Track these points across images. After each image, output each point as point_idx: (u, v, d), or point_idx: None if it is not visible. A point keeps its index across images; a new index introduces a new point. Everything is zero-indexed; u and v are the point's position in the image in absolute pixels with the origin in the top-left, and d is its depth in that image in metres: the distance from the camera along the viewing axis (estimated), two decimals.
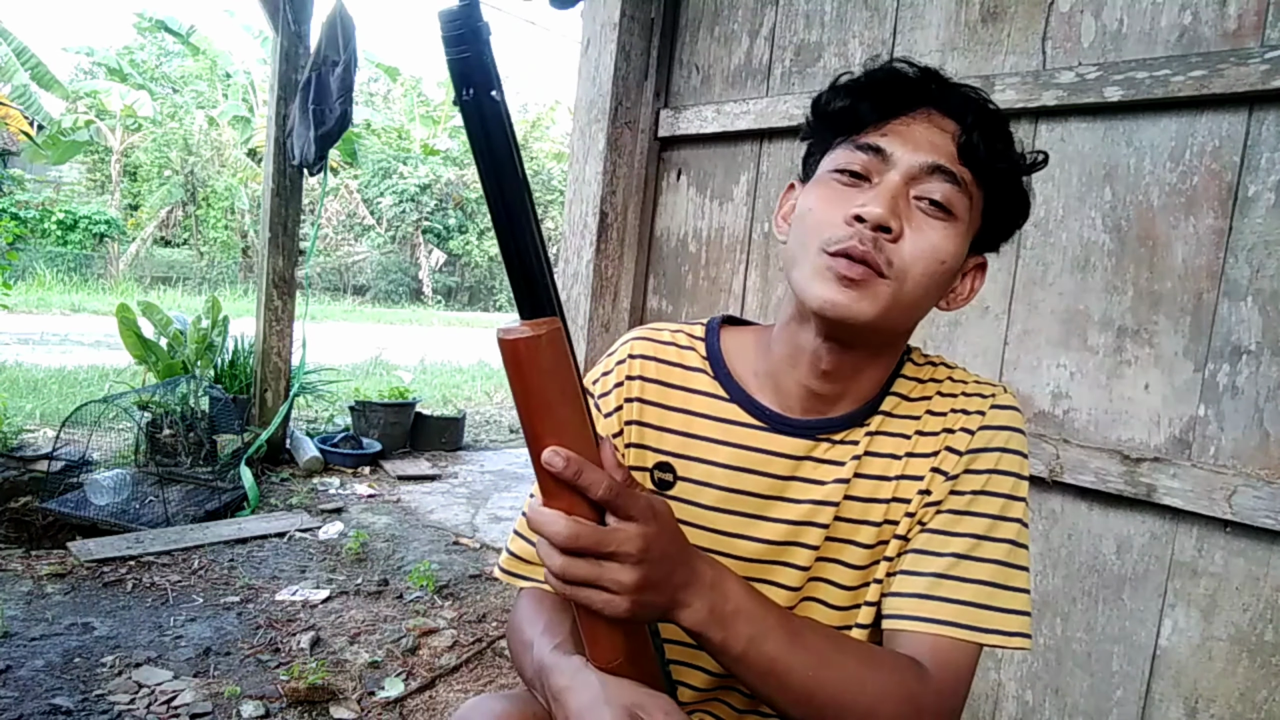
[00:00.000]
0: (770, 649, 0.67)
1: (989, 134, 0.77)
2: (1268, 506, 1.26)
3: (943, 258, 0.75)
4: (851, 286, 0.73)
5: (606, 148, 2.11)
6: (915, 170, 0.75)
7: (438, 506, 3.88)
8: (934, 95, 0.78)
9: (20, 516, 3.27)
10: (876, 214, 0.72)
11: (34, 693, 1.97)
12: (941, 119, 0.77)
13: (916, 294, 0.75)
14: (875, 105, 0.77)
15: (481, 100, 0.52)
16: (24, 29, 31.62)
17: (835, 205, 0.75)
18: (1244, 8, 1.32)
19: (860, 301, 0.73)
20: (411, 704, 2.10)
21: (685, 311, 2.15)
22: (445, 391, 7.07)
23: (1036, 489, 1.52)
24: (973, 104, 0.78)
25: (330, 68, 3.94)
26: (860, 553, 0.83)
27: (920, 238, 0.74)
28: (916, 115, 0.77)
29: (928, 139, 0.76)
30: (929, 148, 0.75)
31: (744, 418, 0.85)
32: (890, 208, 0.73)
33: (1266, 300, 1.30)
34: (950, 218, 0.75)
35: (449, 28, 0.50)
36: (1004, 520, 0.79)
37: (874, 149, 0.76)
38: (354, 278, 19.54)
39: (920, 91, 0.78)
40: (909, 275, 0.74)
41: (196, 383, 4.08)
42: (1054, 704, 1.53)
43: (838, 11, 1.85)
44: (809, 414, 0.83)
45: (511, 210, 0.55)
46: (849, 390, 0.83)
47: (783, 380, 0.83)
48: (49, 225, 15.15)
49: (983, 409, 0.82)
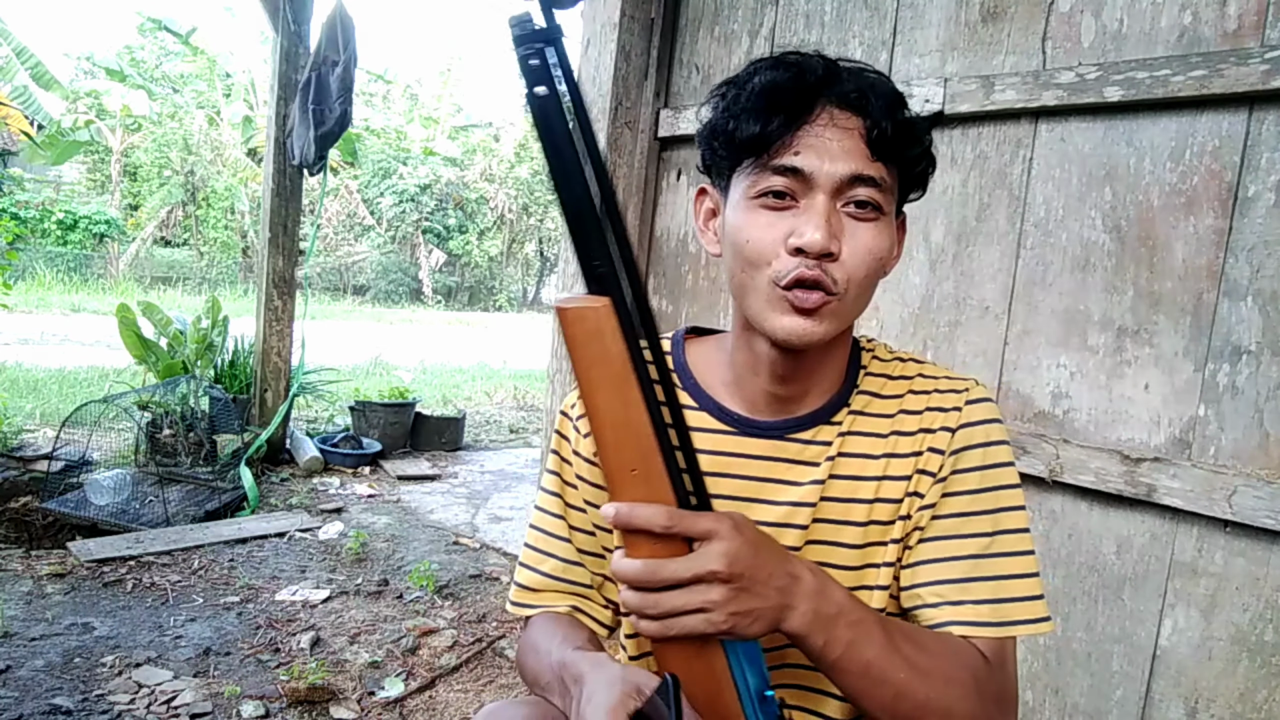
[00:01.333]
0: (869, 652, 0.69)
1: (893, 119, 0.76)
2: (1268, 506, 1.26)
3: (879, 254, 0.77)
4: (810, 315, 0.76)
5: (606, 148, 2.11)
6: (838, 184, 0.75)
7: (438, 506, 3.88)
8: (831, 91, 0.76)
9: (20, 516, 3.27)
10: (819, 243, 0.73)
11: (34, 693, 1.97)
12: (845, 117, 0.76)
13: (863, 295, 0.79)
14: (781, 122, 0.75)
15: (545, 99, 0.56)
16: (23, 29, 31.66)
17: (770, 233, 0.76)
18: (1244, 8, 1.32)
19: (821, 325, 0.76)
20: (411, 704, 2.10)
21: (685, 311, 2.15)
22: (445, 391, 7.07)
23: (1036, 489, 1.52)
24: (869, 91, 0.76)
25: (330, 68, 3.94)
26: (848, 554, 0.83)
27: (857, 244, 0.76)
28: (820, 118, 0.75)
29: (840, 146, 0.75)
30: (844, 157, 0.75)
31: (713, 424, 0.86)
32: (827, 232, 0.74)
33: (1266, 300, 1.30)
34: (877, 214, 0.77)
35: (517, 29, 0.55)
36: (1005, 511, 0.81)
37: (792, 170, 0.75)
38: (354, 278, 19.53)
39: (818, 91, 0.76)
40: (854, 283, 0.76)
41: (196, 383, 4.08)
42: (1054, 704, 1.53)
43: (838, 11, 1.85)
44: (775, 415, 0.85)
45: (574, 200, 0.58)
46: (811, 388, 0.85)
47: (746, 385, 0.86)
48: (49, 225, 15.14)
49: (959, 405, 0.84)
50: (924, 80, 1.66)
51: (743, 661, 0.67)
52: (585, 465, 0.91)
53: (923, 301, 1.70)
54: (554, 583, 0.90)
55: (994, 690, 0.76)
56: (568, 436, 0.93)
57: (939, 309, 1.68)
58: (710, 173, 0.85)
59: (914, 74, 1.70)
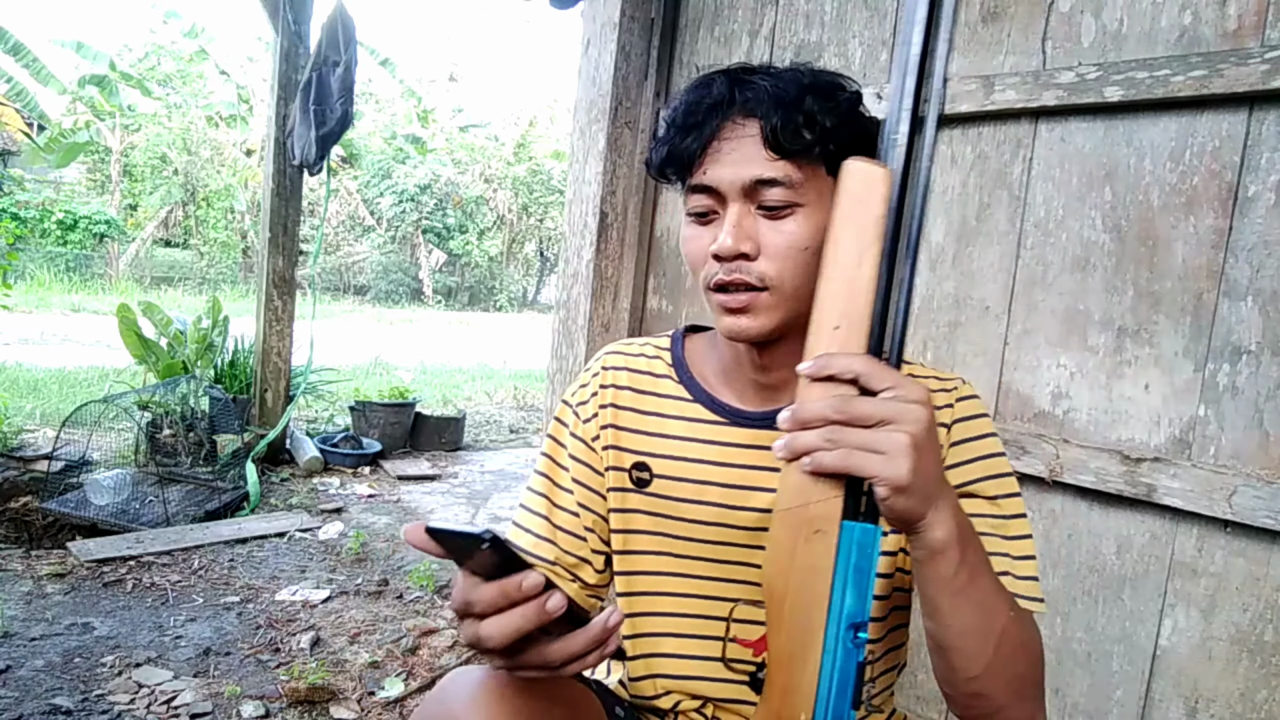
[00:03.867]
0: (989, 582, 0.69)
1: (787, 116, 0.77)
2: (1268, 506, 1.26)
3: (804, 244, 0.79)
4: (741, 313, 0.80)
5: (606, 148, 2.11)
6: (743, 189, 0.78)
7: (438, 506, 3.88)
8: (733, 101, 0.79)
9: (20, 516, 3.27)
10: (727, 246, 0.78)
11: (34, 693, 1.97)
12: (744, 122, 0.79)
13: (798, 281, 0.79)
14: (692, 143, 0.79)
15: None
16: (20, 26, 31.55)
17: (697, 245, 0.82)
18: (1244, 8, 1.32)
19: (755, 321, 0.80)
20: (411, 704, 2.10)
21: (685, 311, 2.15)
22: (445, 391, 7.07)
23: (1036, 489, 1.52)
24: (764, 93, 0.78)
25: (331, 68, 3.94)
26: None
27: (777, 239, 0.79)
28: (724, 131, 0.79)
29: (739, 154, 0.78)
30: (744, 163, 0.78)
31: (707, 415, 0.91)
32: (737, 236, 0.78)
33: (1266, 300, 1.30)
34: (793, 208, 0.79)
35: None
36: (1011, 497, 0.84)
37: (704, 188, 0.80)
38: (354, 278, 19.52)
39: (721, 106, 0.79)
40: (783, 275, 0.79)
41: (196, 383, 4.08)
42: (1054, 704, 1.53)
43: (838, 11, 1.85)
44: (764, 405, 0.89)
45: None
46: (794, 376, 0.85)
47: (734, 377, 0.91)
48: (49, 225, 15.13)
49: (950, 403, 0.87)
50: None
51: (849, 581, 0.61)
52: (582, 447, 0.95)
53: (923, 301, 1.70)
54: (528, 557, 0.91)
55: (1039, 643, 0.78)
56: (566, 422, 0.97)
57: (939, 309, 1.68)
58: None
59: None
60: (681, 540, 0.90)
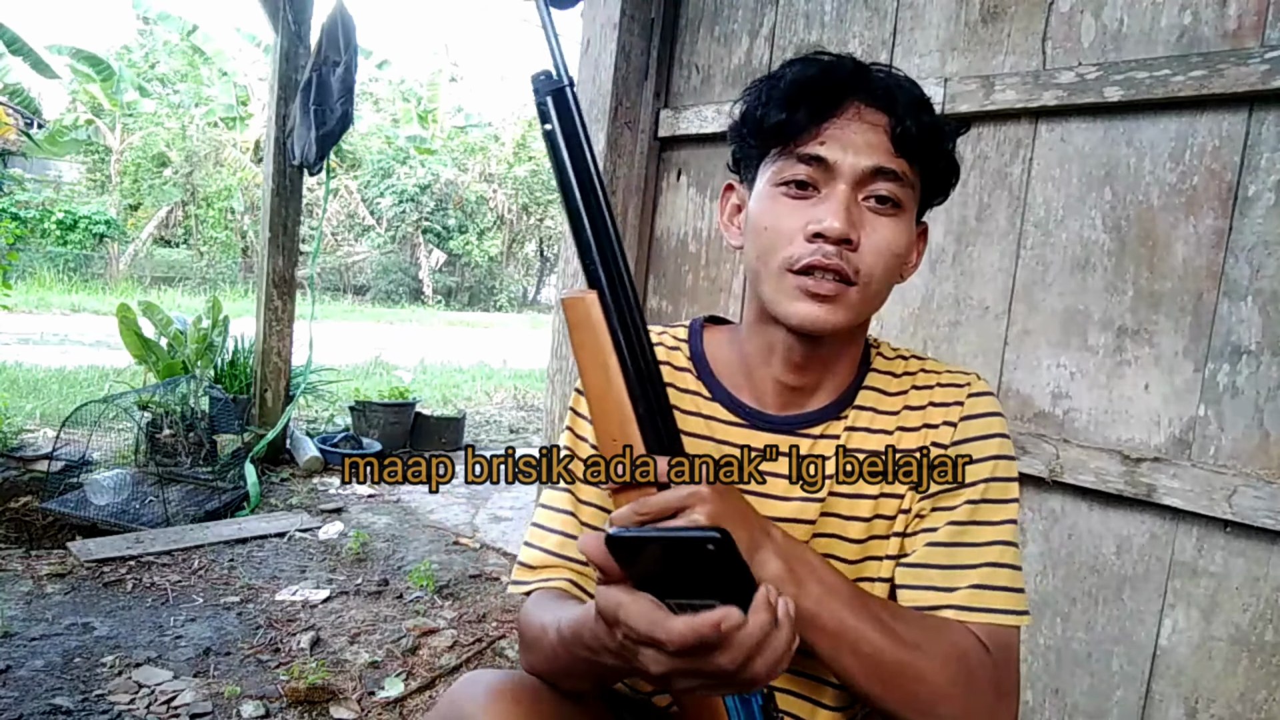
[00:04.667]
0: (840, 610, 0.70)
1: (918, 119, 0.77)
2: (1268, 506, 1.26)
3: (898, 250, 0.79)
4: (825, 301, 0.77)
5: (606, 148, 2.11)
6: (860, 175, 0.77)
7: (438, 506, 3.88)
8: (860, 88, 0.78)
9: (20, 516, 3.27)
10: (837, 229, 0.75)
11: (34, 693, 1.96)
12: (872, 113, 0.78)
13: (881, 288, 0.80)
14: (808, 112, 0.77)
15: (553, 132, 0.69)
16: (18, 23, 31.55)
17: (790, 220, 0.78)
18: (1244, 8, 1.32)
19: (836, 313, 0.78)
20: (411, 704, 2.10)
21: (685, 311, 2.15)
22: (445, 392, 7.07)
23: (1036, 489, 1.52)
24: (896, 90, 0.79)
25: (331, 68, 3.94)
26: (850, 548, 0.85)
27: (877, 237, 0.78)
28: (847, 113, 0.77)
29: (865, 140, 0.77)
30: (868, 150, 0.76)
31: (726, 415, 0.87)
32: (847, 220, 0.75)
33: (1266, 300, 1.30)
34: (898, 210, 0.79)
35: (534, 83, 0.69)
36: (1005, 503, 0.84)
37: (816, 159, 0.77)
38: (354, 278, 19.52)
39: (847, 87, 0.78)
40: (874, 276, 0.78)
41: (196, 383, 4.08)
42: (1054, 704, 1.53)
43: (838, 11, 1.85)
44: (785, 409, 0.86)
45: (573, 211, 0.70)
46: (823, 382, 0.86)
47: (757, 376, 0.87)
48: (49, 225, 15.13)
49: (960, 399, 0.86)
50: (924, 80, 1.66)
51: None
52: None
53: (923, 301, 1.70)
54: (554, 558, 0.89)
55: (989, 677, 0.76)
56: (583, 412, 0.93)
57: (939, 309, 1.68)
58: (739, 167, 0.87)
59: (914, 74, 1.69)
60: None
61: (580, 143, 0.68)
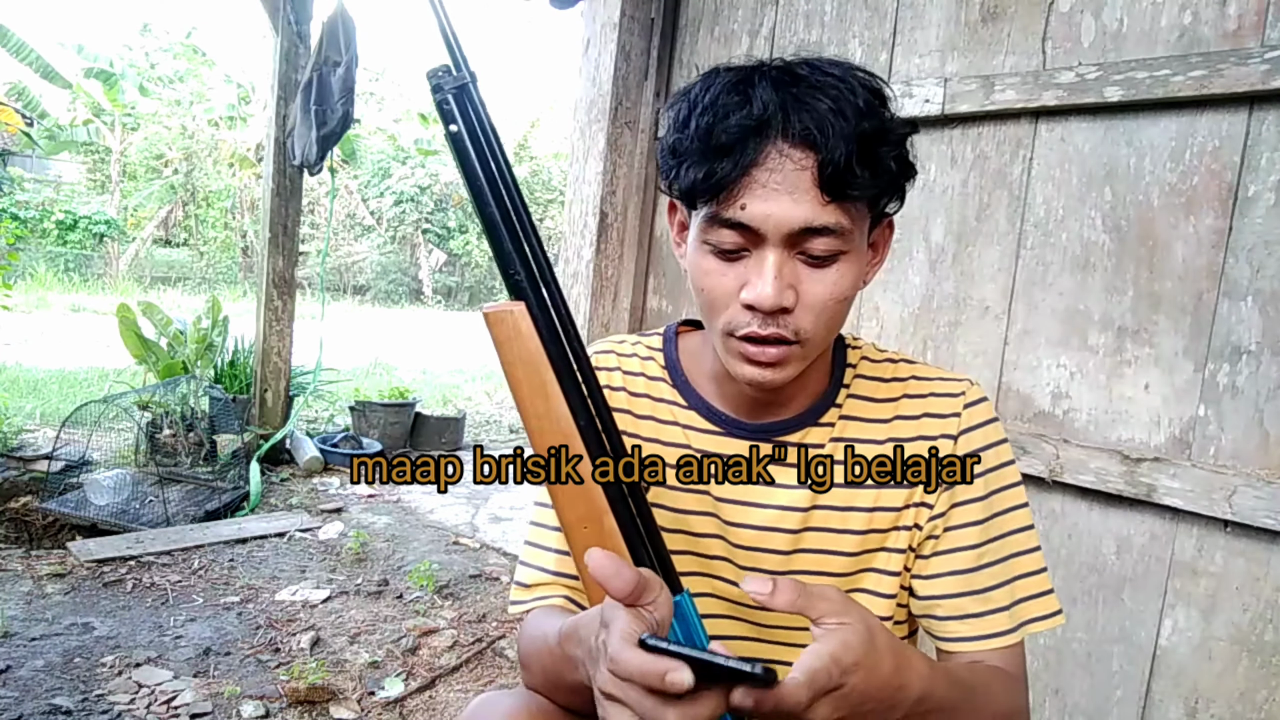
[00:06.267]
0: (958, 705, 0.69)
1: (854, 145, 0.67)
2: (1268, 506, 1.26)
3: (841, 295, 0.73)
4: (770, 366, 0.74)
5: (606, 148, 2.11)
6: (788, 236, 0.69)
7: (438, 506, 3.88)
8: (781, 126, 0.68)
9: (20, 516, 3.27)
10: (768, 301, 0.69)
11: (34, 693, 1.97)
12: (799, 153, 0.68)
13: (830, 331, 0.76)
14: (726, 167, 0.69)
15: (459, 134, 0.62)
16: (23, 25, 31.36)
17: (723, 282, 0.73)
18: (1244, 8, 1.32)
19: (783, 371, 0.74)
20: (411, 704, 2.10)
21: (685, 312, 2.15)
22: (445, 391, 7.07)
23: (1036, 489, 1.52)
24: (827, 119, 0.68)
25: (332, 68, 3.94)
26: (844, 561, 0.83)
27: (817, 290, 0.72)
28: (769, 160, 0.68)
29: (790, 192, 0.68)
30: (793, 205, 0.68)
31: (701, 423, 0.85)
32: (778, 289, 0.69)
33: (1266, 300, 1.30)
34: (837, 257, 0.72)
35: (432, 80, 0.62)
36: (1012, 511, 0.83)
37: (737, 225, 0.70)
38: (354, 278, 19.51)
39: (767, 129, 0.68)
40: (818, 327, 0.73)
41: (196, 383, 4.08)
42: (1054, 704, 1.53)
43: (838, 11, 1.85)
44: (761, 416, 0.84)
45: (489, 220, 0.63)
46: (795, 392, 0.83)
47: (728, 385, 0.84)
48: (49, 225, 15.13)
49: (957, 410, 0.83)
50: (924, 80, 1.66)
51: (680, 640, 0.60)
52: None
53: (923, 301, 1.70)
54: (550, 576, 0.88)
55: (1018, 701, 0.80)
56: None
57: (939, 309, 1.68)
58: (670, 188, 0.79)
59: (914, 74, 1.70)
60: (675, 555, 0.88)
61: (491, 143, 0.62)
